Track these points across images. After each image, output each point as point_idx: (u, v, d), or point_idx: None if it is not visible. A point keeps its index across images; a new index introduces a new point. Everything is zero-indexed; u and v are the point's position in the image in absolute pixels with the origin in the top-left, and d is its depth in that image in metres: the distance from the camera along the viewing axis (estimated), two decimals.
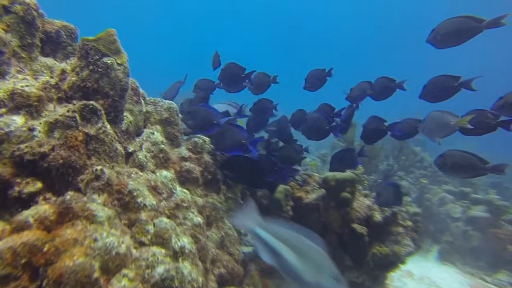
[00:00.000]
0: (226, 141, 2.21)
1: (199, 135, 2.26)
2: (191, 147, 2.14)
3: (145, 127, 1.77)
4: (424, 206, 4.34)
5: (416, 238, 2.19)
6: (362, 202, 2.59)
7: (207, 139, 2.28)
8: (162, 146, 1.67)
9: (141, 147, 1.63)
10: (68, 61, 1.53)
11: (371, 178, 4.52)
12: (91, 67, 1.40)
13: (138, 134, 1.70)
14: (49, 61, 1.48)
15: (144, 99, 2.01)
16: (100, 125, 1.33)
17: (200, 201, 1.94)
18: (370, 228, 2.35)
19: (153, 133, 1.69)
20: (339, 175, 2.50)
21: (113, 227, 1.11)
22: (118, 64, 1.44)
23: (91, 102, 1.32)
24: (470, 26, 1.86)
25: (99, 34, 1.43)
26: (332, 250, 2.92)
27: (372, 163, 4.72)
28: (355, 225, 2.41)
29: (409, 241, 2.13)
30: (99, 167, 1.25)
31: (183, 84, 2.70)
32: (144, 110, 1.76)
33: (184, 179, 1.97)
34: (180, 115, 2.19)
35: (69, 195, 1.10)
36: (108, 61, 1.41)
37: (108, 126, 1.38)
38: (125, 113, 1.61)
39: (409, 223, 2.24)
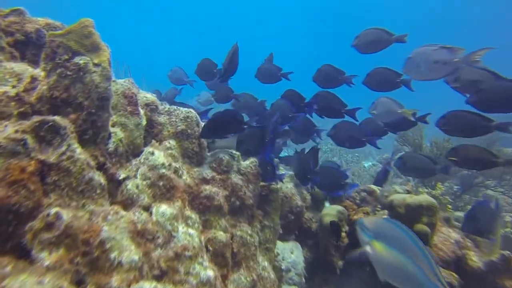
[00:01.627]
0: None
1: (226, 150, 1.84)
2: (215, 165, 1.72)
3: (146, 144, 1.39)
4: None
5: None
6: (447, 236, 1.89)
7: (236, 154, 1.84)
8: (163, 170, 1.26)
9: (136, 171, 1.24)
10: (43, 65, 1.21)
11: (445, 185, 3.70)
12: (59, 71, 1.04)
13: (136, 154, 1.32)
14: (19, 66, 1.17)
15: (157, 109, 1.65)
16: (63, 149, 0.96)
17: (222, 237, 1.50)
18: (464, 277, 1.66)
19: (152, 153, 1.28)
20: (410, 199, 1.85)
21: None
22: (95, 64, 1.07)
23: (53, 118, 0.96)
24: (383, 38, 2.11)
25: (70, 26, 1.08)
26: None
27: None
28: None
29: None
30: (53, 211, 0.87)
31: (179, 93, 2.63)
32: (144, 123, 1.37)
33: (204, 207, 1.55)
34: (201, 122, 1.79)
35: None
36: (81, 62, 1.04)
37: (78, 150, 1.00)
38: (115, 129, 1.23)
39: None
